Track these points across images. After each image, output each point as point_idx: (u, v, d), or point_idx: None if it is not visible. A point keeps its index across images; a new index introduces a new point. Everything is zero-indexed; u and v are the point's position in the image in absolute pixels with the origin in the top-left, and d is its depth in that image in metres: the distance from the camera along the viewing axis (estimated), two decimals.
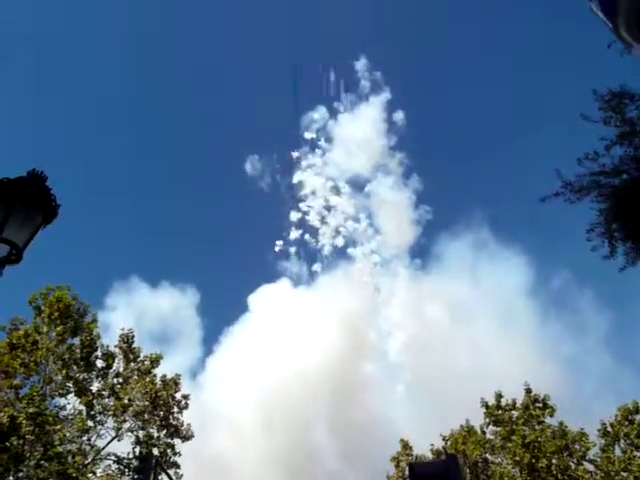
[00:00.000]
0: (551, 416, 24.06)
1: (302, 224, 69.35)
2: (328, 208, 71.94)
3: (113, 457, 19.02)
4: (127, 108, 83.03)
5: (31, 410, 15.29)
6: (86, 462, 17.90)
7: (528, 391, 25.12)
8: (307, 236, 68.64)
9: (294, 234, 65.72)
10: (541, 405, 24.46)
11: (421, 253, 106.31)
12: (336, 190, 70.26)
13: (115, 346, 20.58)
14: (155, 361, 20.77)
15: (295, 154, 69.34)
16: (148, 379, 20.13)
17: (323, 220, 69.24)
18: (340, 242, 67.19)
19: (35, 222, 4.95)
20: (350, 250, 69.41)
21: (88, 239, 77.45)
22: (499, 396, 25.72)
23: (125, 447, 19.40)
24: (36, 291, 20.06)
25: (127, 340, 20.81)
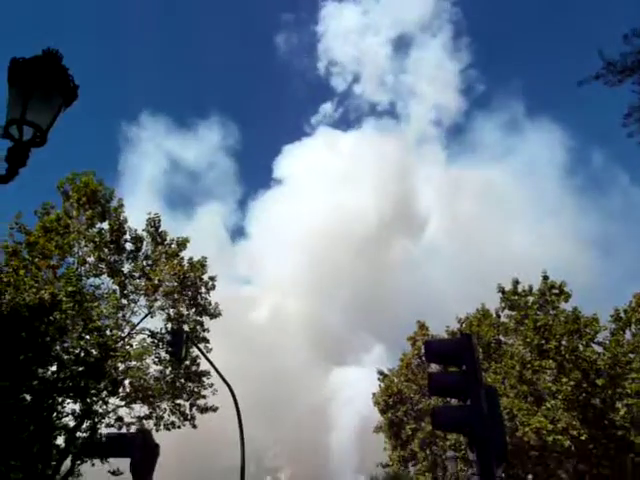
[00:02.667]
0: (566, 302, 24.47)
1: (347, 77, 67.35)
2: (368, 60, 69.05)
3: (147, 332, 20.39)
4: None
5: (70, 289, 16.20)
6: (123, 335, 19.24)
7: (545, 278, 25.38)
8: (351, 88, 66.92)
9: (338, 83, 64.56)
10: (557, 291, 24.82)
11: (460, 130, 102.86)
12: (381, 45, 67.02)
13: (143, 230, 21.18)
14: (182, 244, 21.39)
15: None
16: (176, 261, 20.87)
17: (365, 73, 67.16)
18: (382, 99, 65.95)
19: (55, 103, 4.81)
20: (394, 109, 68.10)
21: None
22: (516, 282, 26.10)
23: (158, 323, 20.76)
24: (63, 176, 20.43)
25: (154, 224, 21.32)
